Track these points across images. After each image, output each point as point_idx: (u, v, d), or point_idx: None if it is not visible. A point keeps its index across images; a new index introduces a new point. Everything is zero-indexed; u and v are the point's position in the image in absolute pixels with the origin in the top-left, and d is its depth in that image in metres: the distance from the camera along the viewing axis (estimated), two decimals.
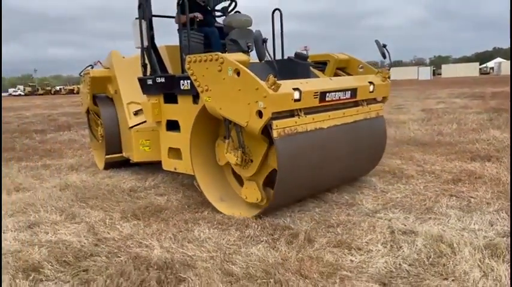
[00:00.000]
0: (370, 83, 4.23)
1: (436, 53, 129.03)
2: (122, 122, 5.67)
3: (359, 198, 4.05)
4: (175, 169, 4.54)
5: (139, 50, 4.92)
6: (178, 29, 4.61)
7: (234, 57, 3.59)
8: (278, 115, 3.35)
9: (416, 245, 2.89)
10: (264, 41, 3.44)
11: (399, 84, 39.56)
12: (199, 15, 5.04)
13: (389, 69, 4.49)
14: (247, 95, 3.33)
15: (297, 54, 4.44)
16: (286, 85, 3.39)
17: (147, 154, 5.12)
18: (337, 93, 3.82)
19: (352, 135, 4.07)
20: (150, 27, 4.87)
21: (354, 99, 4.09)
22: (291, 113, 3.47)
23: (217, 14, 5.87)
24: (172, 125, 4.52)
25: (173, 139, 4.49)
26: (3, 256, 2.97)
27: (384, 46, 4.46)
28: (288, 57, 4.61)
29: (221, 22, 5.48)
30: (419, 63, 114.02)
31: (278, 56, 4.89)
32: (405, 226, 3.28)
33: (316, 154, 3.66)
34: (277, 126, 3.30)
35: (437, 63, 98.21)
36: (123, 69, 5.63)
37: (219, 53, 3.58)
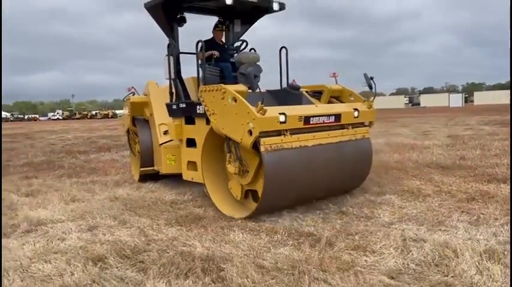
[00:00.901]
0: (355, 109, 5.00)
1: (469, 80, 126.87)
2: (154, 140, 6.54)
3: (377, 212, 4.48)
4: (192, 178, 5.44)
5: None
6: (200, 64, 5.49)
7: (234, 88, 4.45)
8: (266, 134, 4.15)
9: (424, 250, 3.30)
10: (256, 75, 4.21)
11: (429, 111, 39.42)
12: (216, 53, 5.89)
13: (373, 99, 5.27)
14: (241, 117, 4.17)
15: (290, 86, 5.35)
16: (273, 110, 4.23)
17: (173, 167, 5.98)
18: (321, 117, 4.63)
19: (336, 153, 4.79)
20: (177, 63, 5.82)
21: (339, 123, 4.85)
22: (278, 133, 4.26)
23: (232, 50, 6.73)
24: (191, 142, 5.42)
25: (191, 154, 5.39)
26: (71, 250, 3.57)
27: (371, 79, 5.23)
28: (284, 88, 5.52)
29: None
30: (451, 90, 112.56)
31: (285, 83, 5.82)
32: (416, 235, 3.69)
33: (300, 167, 4.40)
34: (264, 142, 4.12)
35: (470, 90, 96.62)
36: (157, 96, 6.56)
37: (222, 85, 4.48)
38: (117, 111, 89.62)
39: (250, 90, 4.47)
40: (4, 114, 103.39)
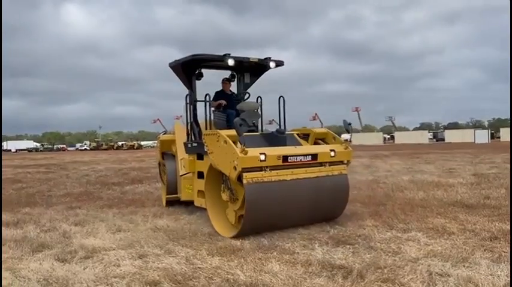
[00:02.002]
0: (332, 150, 5.91)
1: (495, 116, 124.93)
2: (178, 172, 7.57)
3: (404, 248, 4.78)
4: (201, 205, 6.46)
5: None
6: (214, 110, 6.96)
7: (226, 133, 5.49)
8: (249, 169, 5.16)
9: (449, 284, 3.61)
10: (241, 124, 5.14)
11: (454, 147, 39.07)
12: (223, 102, 7.20)
13: (350, 141, 6.31)
14: (229, 156, 5.22)
15: (277, 130, 6.31)
16: (255, 151, 5.22)
17: (189, 194, 7.04)
18: (298, 156, 5.58)
19: (313, 186, 5.70)
20: (194, 109, 7.08)
21: (316, 161, 5.76)
22: (260, 169, 5.25)
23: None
24: (201, 175, 6.44)
25: (200, 184, 6.41)
26: (121, 278, 4.00)
27: (349, 124, 6.45)
28: (272, 132, 6.39)
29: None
30: (477, 125, 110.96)
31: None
32: (442, 270, 3.98)
33: (279, 197, 5.41)
34: (246, 176, 5.13)
35: (496, 126, 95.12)
36: (180, 135, 7.62)
37: (218, 130, 5.66)
38: (142, 143, 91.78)
39: (247, 134, 5.53)
40: (34, 144, 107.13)
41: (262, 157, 5.20)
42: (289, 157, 5.47)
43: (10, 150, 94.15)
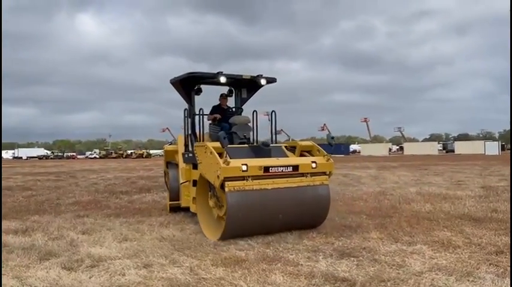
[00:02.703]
0: (313, 161, 6.27)
1: (506, 127, 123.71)
2: (179, 180, 8.12)
3: (408, 261, 4.77)
4: (194, 210, 6.92)
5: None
6: (210, 124, 7.65)
7: (212, 144, 6.02)
8: (232, 179, 5.63)
9: None
10: (224, 137, 5.70)
11: (464, 158, 38.75)
12: (218, 116, 7.68)
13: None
14: (214, 166, 5.71)
15: (262, 143, 6.77)
16: (238, 161, 5.70)
17: (187, 201, 7.49)
18: (279, 167, 6.01)
19: (294, 196, 6.09)
20: (193, 122, 7.52)
21: (297, 172, 6.13)
22: (243, 178, 5.70)
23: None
24: (196, 183, 6.80)
25: (194, 191, 6.90)
26: None
27: (332, 138, 7.26)
28: (259, 144, 6.87)
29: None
30: (488, 136, 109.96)
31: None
32: (446, 284, 3.98)
33: (260, 205, 5.83)
34: (228, 185, 5.61)
35: (506, 137, 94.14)
36: (182, 146, 8.02)
37: (206, 142, 6.29)
38: (151, 151, 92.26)
39: (235, 146, 6.46)
40: (45, 152, 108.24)
41: (244, 167, 5.70)
42: (270, 168, 5.94)
43: (21, 157, 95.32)
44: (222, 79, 7.12)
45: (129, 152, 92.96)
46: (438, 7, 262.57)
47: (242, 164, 5.68)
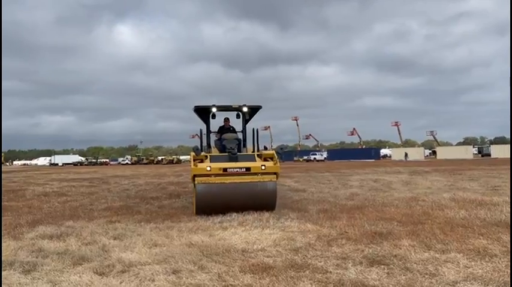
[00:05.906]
0: (263, 165, 8.66)
1: None
2: None
3: (442, 270, 4.62)
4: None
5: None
6: (216, 139, 10.34)
7: (193, 154, 8.67)
8: (201, 175, 8.52)
9: None
10: (197, 149, 8.75)
11: (501, 163, 37.29)
12: (219, 135, 10.25)
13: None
14: (191, 167, 8.57)
15: (232, 153, 8.98)
16: (205, 164, 8.53)
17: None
18: (235, 168, 8.59)
19: (247, 188, 8.64)
20: (208, 138, 10.44)
21: (250, 172, 8.62)
22: (208, 175, 8.49)
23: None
24: None
25: None
26: None
27: (282, 148, 9.87)
28: (235, 154, 9.03)
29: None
30: None
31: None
32: None
33: (220, 194, 8.54)
34: (197, 179, 8.54)
35: None
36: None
37: (192, 152, 8.78)
38: (181, 157, 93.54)
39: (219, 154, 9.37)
40: (80, 158, 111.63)
41: (208, 168, 8.48)
42: (228, 169, 8.57)
43: (57, 164, 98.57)
44: (213, 109, 9.92)
45: (159, 158, 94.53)
46: (477, 8, 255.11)
47: (207, 166, 8.49)
